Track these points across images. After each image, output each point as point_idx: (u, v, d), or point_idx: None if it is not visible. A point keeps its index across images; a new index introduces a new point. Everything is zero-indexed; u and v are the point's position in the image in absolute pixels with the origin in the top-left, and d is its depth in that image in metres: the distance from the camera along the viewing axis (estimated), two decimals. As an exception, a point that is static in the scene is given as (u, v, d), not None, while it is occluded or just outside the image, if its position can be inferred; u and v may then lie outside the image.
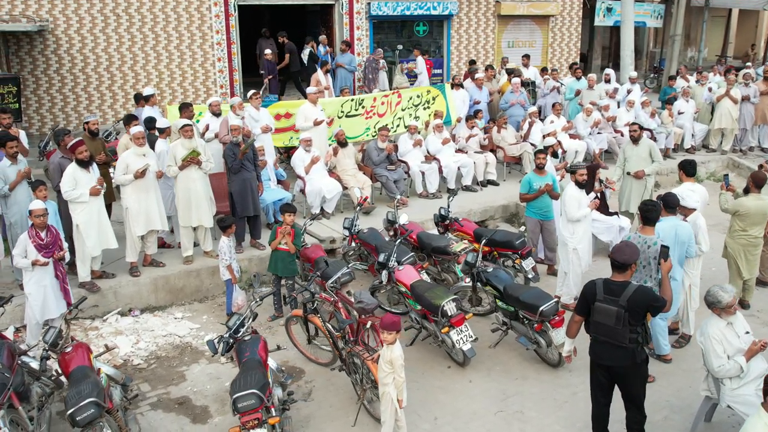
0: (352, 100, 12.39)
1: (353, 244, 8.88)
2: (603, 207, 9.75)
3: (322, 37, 15.87)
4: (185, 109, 9.81)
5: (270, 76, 15.12)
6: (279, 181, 10.25)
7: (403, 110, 12.96)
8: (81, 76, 14.65)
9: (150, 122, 9.70)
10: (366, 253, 8.79)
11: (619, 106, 14.39)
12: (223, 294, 8.60)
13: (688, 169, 7.99)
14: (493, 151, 12.65)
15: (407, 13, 16.67)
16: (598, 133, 13.62)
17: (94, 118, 9.12)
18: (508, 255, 8.52)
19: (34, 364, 6.00)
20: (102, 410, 5.16)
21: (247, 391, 5.10)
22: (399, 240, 7.89)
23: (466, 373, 6.98)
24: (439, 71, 17.72)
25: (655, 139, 13.99)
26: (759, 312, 8.23)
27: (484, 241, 7.90)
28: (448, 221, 9.06)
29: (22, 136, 9.06)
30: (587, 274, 7.86)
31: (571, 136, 13.33)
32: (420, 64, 15.75)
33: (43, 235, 6.89)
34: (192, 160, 8.45)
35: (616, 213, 10.03)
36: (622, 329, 5.04)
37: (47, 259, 6.86)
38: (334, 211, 10.54)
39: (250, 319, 6.21)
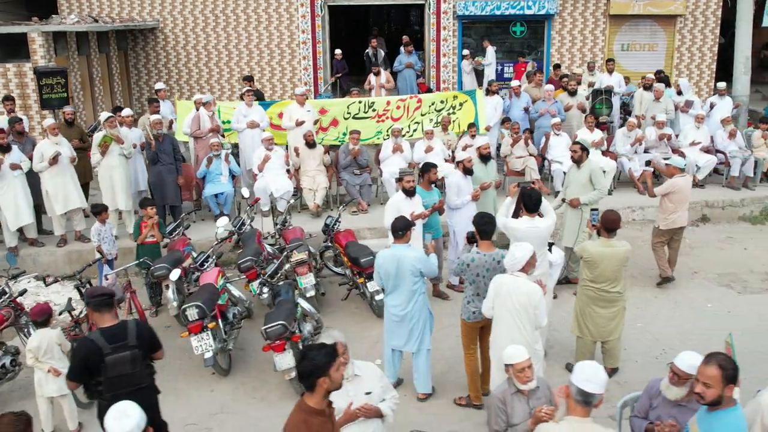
0: (360, 102, 12.35)
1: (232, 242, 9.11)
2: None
3: (405, 38, 15.78)
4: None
5: (339, 74, 15.69)
6: (233, 177, 10.74)
7: (422, 115, 12.53)
8: (184, 70, 16.58)
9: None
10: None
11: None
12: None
13: (525, 202, 6.83)
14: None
15: (497, 13, 15.84)
16: (645, 151, 11.78)
17: (70, 108, 10.55)
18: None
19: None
20: None
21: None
22: (216, 245, 7.99)
23: (219, 382, 6.96)
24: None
25: (728, 164, 11.76)
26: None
27: (288, 248, 7.64)
28: (332, 231, 8.84)
29: (25, 121, 10.80)
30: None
31: (605, 153, 11.77)
32: (489, 55, 14.95)
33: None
34: (106, 144, 9.36)
35: (552, 244, 8.76)
36: (140, 370, 4.76)
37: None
38: (290, 209, 10.76)
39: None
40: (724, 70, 16.24)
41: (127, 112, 10.43)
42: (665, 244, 8.93)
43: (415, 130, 12.43)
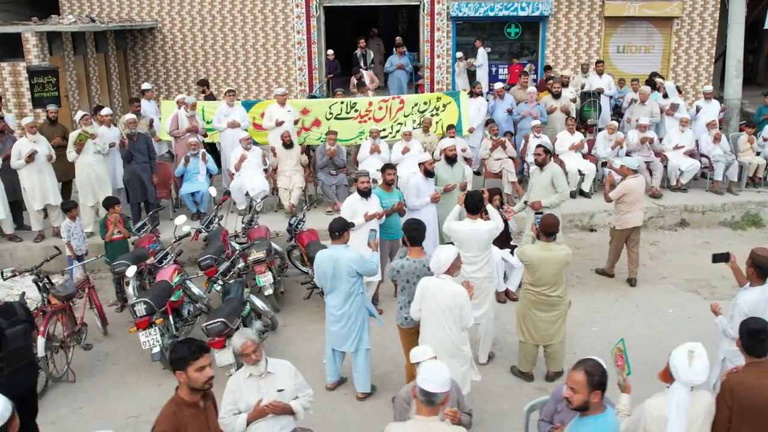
0: (342, 102, 12.43)
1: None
2: (500, 238, 8.64)
3: (398, 39, 15.83)
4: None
5: (331, 75, 15.82)
6: (211, 176, 10.89)
7: (405, 116, 12.58)
8: (182, 70, 16.82)
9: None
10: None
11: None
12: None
13: (467, 203, 6.86)
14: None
15: (491, 14, 15.81)
16: (627, 155, 11.69)
17: (54, 107, 10.78)
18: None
19: None
20: None
21: None
22: (175, 241, 8.14)
23: (168, 376, 7.09)
24: (532, 76, 16.42)
25: (712, 168, 11.63)
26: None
27: (244, 246, 7.76)
28: (295, 231, 8.95)
29: (8, 117, 11.07)
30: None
31: (586, 156, 11.73)
32: (480, 57, 14.95)
33: None
34: (81, 143, 9.58)
35: (515, 246, 8.78)
36: (30, 344, 5.28)
37: None
38: (266, 209, 10.88)
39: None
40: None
41: (105, 111, 10.62)
42: (622, 244, 9.00)
43: (398, 131, 12.44)
